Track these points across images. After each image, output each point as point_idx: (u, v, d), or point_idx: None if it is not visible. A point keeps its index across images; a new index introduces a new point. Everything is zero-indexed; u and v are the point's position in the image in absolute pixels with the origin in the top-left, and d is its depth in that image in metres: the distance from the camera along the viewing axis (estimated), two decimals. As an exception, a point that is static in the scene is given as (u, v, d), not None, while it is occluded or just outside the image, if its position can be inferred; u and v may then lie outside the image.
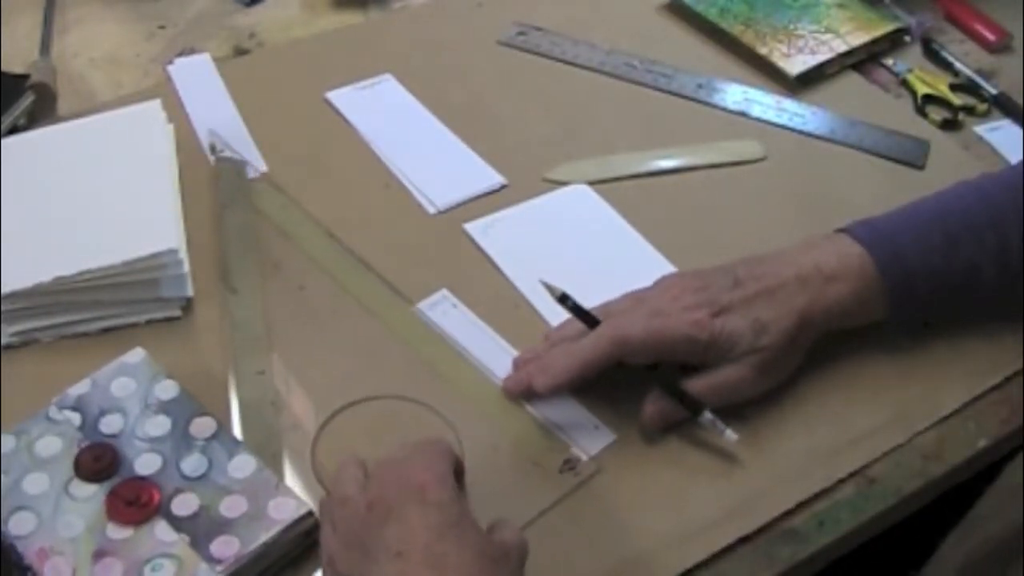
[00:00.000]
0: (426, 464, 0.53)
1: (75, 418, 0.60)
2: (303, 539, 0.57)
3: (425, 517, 0.51)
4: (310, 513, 0.57)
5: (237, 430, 0.62)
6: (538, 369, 0.64)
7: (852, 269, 0.66)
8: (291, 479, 0.61)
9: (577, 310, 0.65)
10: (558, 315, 0.69)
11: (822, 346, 0.68)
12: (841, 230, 0.69)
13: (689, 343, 0.62)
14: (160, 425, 0.60)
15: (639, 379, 0.64)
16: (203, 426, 0.60)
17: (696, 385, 0.63)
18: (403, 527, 0.50)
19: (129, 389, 0.61)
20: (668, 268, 0.74)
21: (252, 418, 0.63)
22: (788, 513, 0.62)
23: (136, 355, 0.63)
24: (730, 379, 0.63)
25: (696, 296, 0.64)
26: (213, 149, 0.79)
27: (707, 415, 0.63)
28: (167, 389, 0.61)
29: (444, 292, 0.71)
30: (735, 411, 0.64)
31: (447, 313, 0.70)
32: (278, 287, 0.71)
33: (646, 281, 0.67)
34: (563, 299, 0.65)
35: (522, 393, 0.65)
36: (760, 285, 0.65)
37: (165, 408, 0.61)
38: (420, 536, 0.50)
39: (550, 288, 0.65)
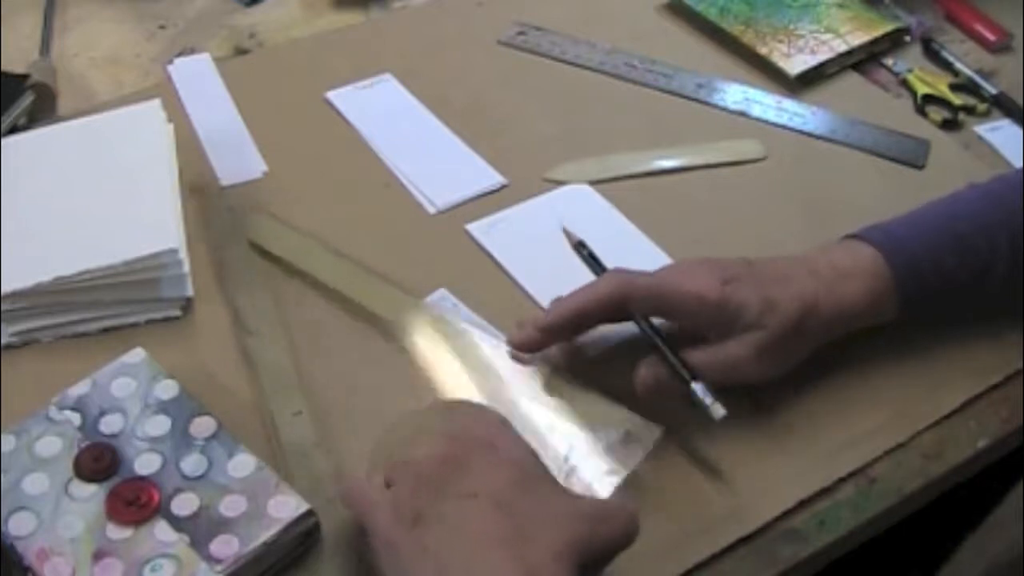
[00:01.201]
0: (490, 421, 0.56)
1: (75, 418, 0.60)
2: (303, 539, 0.57)
3: (498, 469, 0.53)
4: (310, 512, 0.57)
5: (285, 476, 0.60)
6: (540, 315, 0.65)
7: (866, 268, 0.65)
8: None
9: (592, 259, 0.65)
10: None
11: (823, 345, 0.68)
12: (852, 235, 0.68)
13: (697, 302, 0.62)
14: (160, 425, 0.60)
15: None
16: (203, 426, 0.60)
17: (695, 356, 0.63)
18: (477, 475, 0.52)
19: (129, 389, 0.61)
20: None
21: (299, 462, 0.61)
22: (788, 513, 0.62)
23: (136, 355, 0.63)
24: (730, 355, 0.63)
25: (709, 269, 0.64)
26: (203, 190, 0.77)
27: (698, 386, 0.62)
28: (167, 389, 0.61)
29: (443, 291, 0.71)
30: (735, 411, 0.64)
31: (454, 308, 0.70)
32: (294, 322, 0.69)
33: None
34: (579, 246, 0.66)
35: (527, 344, 0.65)
36: (773, 270, 0.64)
37: (165, 408, 0.60)
38: (493, 482, 0.52)
39: (568, 234, 0.66)
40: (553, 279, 0.70)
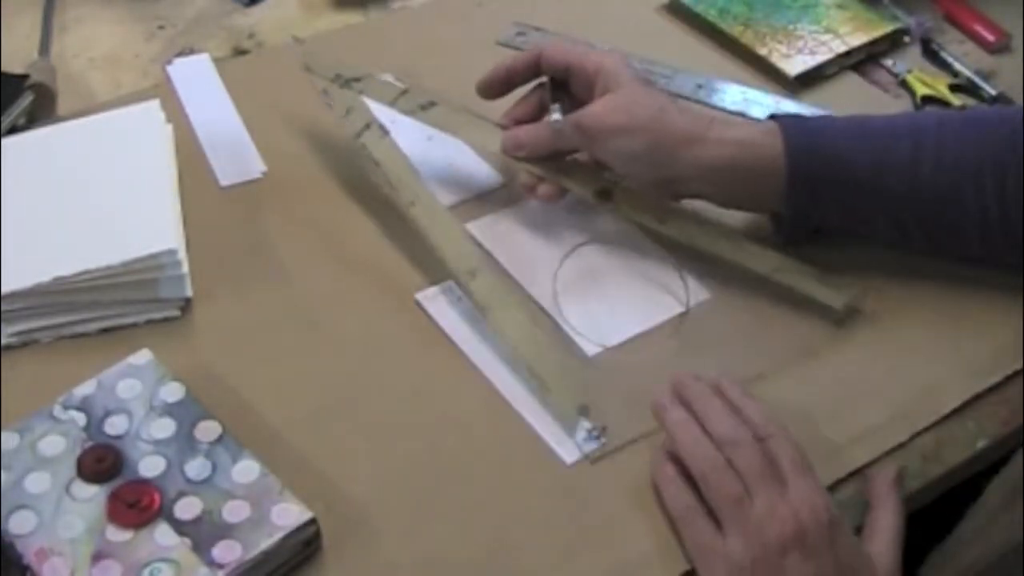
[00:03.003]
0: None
1: (80, 418, 0.59)
2: (304, 547, 0.57)
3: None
4: (313, 520, 0.57)
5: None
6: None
7: (753, 124, 0.71)
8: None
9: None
10: (563, 313, 0.69)
11: (820, 345, 0.69)
12: None
13: (580, 65, 0.72)
14: (165, 428, 0.59)
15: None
16: (208, 430, 0.59)
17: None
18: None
19: (135, 391, 0.61)
20: (671, 264, 0.74)
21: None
22: (789, 513, 0.62)
23: (143, 356, 0.63)
24: (585, 110, 0.70)
25: (630, 66, 0.73)
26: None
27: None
28: (173, 392, 0.61)
29: (450, 283, 0.71)
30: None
31: (452, 305, 0.70)
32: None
33: (650, 275, 0.67)
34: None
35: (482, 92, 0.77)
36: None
37: (170, 411, 0.60)
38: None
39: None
40: (553, 278, 0.70)
